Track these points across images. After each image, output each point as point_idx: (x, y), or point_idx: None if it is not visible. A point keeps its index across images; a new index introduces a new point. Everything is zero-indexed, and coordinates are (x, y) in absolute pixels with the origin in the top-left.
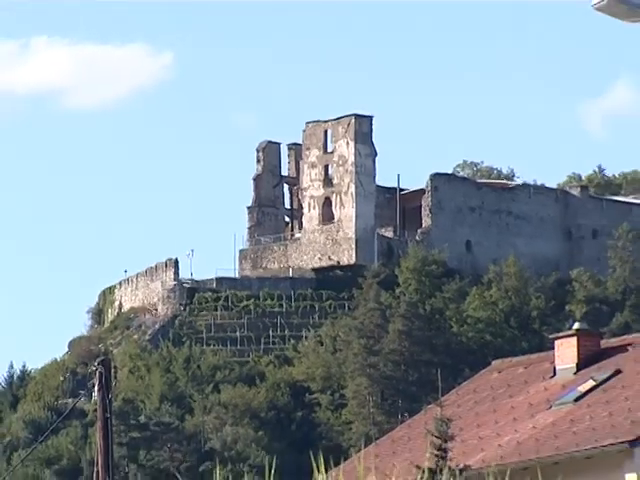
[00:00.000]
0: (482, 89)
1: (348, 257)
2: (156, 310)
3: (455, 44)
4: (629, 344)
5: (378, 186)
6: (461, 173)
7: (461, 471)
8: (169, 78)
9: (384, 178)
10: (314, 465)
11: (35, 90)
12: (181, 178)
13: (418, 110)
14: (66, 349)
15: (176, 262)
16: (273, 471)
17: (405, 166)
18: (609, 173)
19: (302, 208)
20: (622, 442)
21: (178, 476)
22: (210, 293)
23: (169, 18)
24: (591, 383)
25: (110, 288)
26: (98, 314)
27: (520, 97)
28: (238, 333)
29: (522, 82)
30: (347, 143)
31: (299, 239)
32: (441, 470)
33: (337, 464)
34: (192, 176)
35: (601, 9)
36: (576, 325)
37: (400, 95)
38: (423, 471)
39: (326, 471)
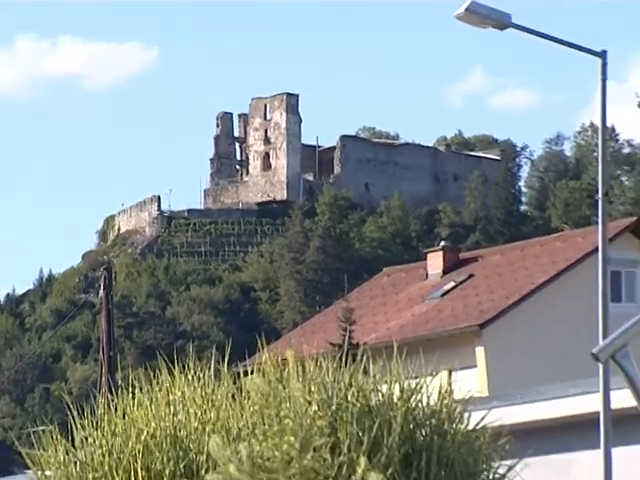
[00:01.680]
0: (378, 73)
1: (281, 195)
2: (144, 232)
3: (359, 38)
4: (479, 256)
5: (303, 144)
6: (361, 135)
7: (360, 347)
8: (155, 67)
9: (307, 139)
10: (258, 342)
11: (62, 75)
12: (164, 138)
13: (332, 88)
14: (80, 259)
15: (159, 198)
16: (229, 347)
17: (322, 129)
18: (466, 135)
19: (248, 159)
20: (474, 325)
21: (159, 350)
22: (183, 220)
23: (155, 21)
24: (452, 284)
25: (112, 216)
26: (103, 234)
27: (403, 78)
28: (203, 248)
29: (405, 67)
30: (281, 114)
31: (246, 181)
32: (346, 346)
33: (275, 340)
34: (172, 137)
35: (460, 18)
36: (442, 243)
37: (319, 77)
38: (333, 345)
39: (265, 346)
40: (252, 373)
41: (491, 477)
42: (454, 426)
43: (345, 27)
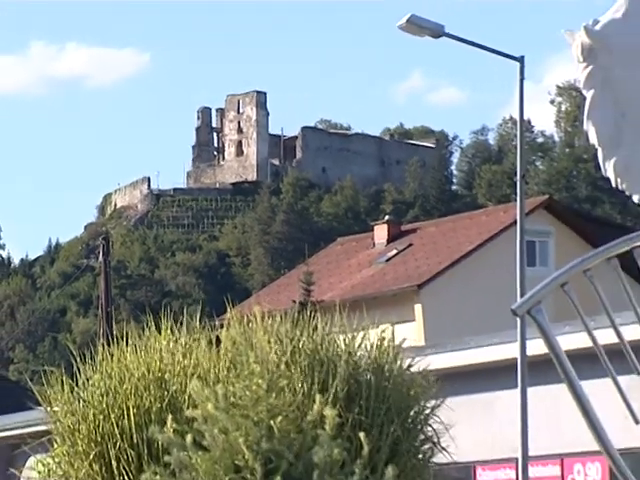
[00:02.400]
0: (334, 74)
1: (252, 176)
2: (137, 207)
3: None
4: (418, 228)
5: (270, 134)
6: (319, 126)
7: (319, 303)
8: (148, 69)
9: (273, 129)
10: (231, 301)
11: (68, 75)
12: (154, 128)
13: (295, 86)
14: (83, 230)
15: (149, 179)
16: (201, 305)
17: (286, 121)
18: (407, 127)
19: (224, 147)
20: (413, 285)
21: (149, 307)
22: (169, 197)
23: (148, 30)
24: (395, 251)
25: (109, 194)
26: (102, 209)
27: (355, 78)
28: (186, 221)
29: (357, 69)
30: (251, 108)
31: (222, 165)
32: (307, 302)
33: (246, 298)
34: (160, 127)
35: (402, 28)
36: (386, 217)
37: (285, 76)
38: (295, 302)
39: (237, 304)
40: (226, 326)
41: (421, 411)
42: (392, 369)
43: (307, 33)
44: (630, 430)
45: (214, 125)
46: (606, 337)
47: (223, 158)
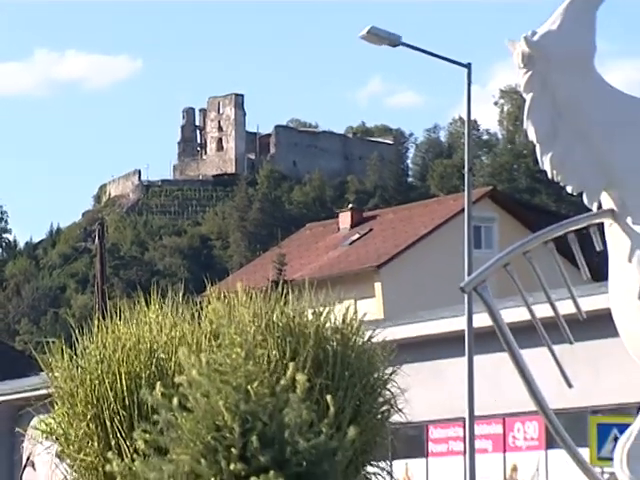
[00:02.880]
0: (304, 78)
1: (231, 169)
2: (129, 196)
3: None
4: (377, 215)
5: (247, 132)
6: (291, 125)
7: (290, 281)
8: (140, 74)
9: (250, 127)
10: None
11: (68, 78)
12: (144, 126)
13: (270, 88)
14: (81, 216)
15: (139, 171)
16: (190, 284)
17: (262, 120)
18: (368, 125)
19: (206, 143)
20: (373, 265)
21: (139, 284)
22: (157, 188)
23: (140, 39)
24: (357, 235)
25: (104, 184)
26: (98, 198)
27: (323, 82)
28: (172, 209)
29: (324, 73)
30: (231, 109)
31: (205, 159)
32: (279, 281)
33: (226, 277)
34: (150, 125)
35: (363, 38)
36: (350, 205)
37: (261, 79)
38: (269, 281)
39: (217, 282)
40: (207, 302)
41: (380, 377)
42: (355, 340)
43: (281, 42)
44: (564, 394)
45: (197, 124)
46: (543, 311)
47: (205, 153)
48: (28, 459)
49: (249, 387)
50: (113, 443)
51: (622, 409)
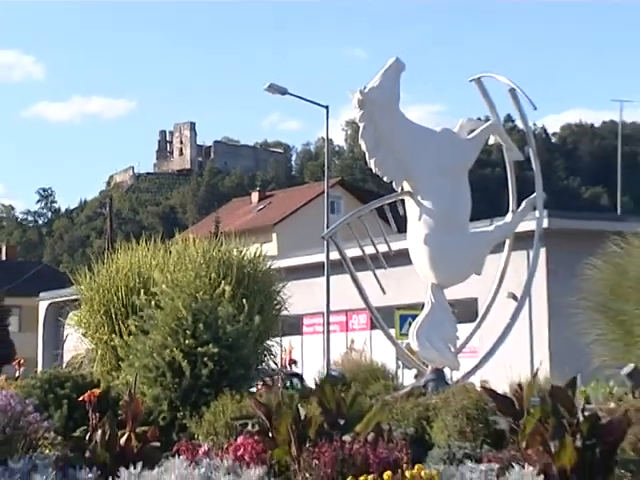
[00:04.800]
0: (231, 107)
1: (188, 166)
2: (127, 182)
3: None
4: (274, 194)
5: (197, 144)
6: (223, 140)
7: (223, 233)
8: (135, 110)
9: (199, 141)
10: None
11: (92, 112)
12: (137, 141)
13: (212, 116)
14: (98, 194)
15: (133, 167)
16: (163, 235)
17: (206, 137)
18: (269, 141)
19: (173, 151)
20: (272, 223)
21: (132, 235)
22: (144, 177)
23: (134, 79)
24: (262, 206)
25: (112, 175)
26: (109, 183)
27: (243, 114)
28: (153, 190)
29: (245, 107)
30: (188, 130)
31: (172, 160)
32: (217, 232)
33: (185, 229)
34: (141, 140)
35: (266, 90)
36: (258, 189)
37: (206, 110)
38: (211, 232)
39: (180, 233)
40: (174, 244)
41: (275, 290)
42: (261, 266)
43: (226, 79)
44: (380, 297)
45: (167, 139)
46: (369, 249)
47: (172, 157)
48: (67, 337)
49: (197, 295)
50: (116, 328)
51: (414, 306)
